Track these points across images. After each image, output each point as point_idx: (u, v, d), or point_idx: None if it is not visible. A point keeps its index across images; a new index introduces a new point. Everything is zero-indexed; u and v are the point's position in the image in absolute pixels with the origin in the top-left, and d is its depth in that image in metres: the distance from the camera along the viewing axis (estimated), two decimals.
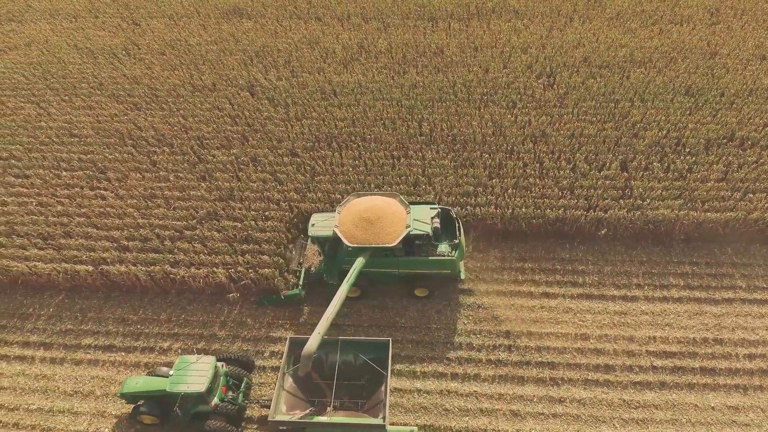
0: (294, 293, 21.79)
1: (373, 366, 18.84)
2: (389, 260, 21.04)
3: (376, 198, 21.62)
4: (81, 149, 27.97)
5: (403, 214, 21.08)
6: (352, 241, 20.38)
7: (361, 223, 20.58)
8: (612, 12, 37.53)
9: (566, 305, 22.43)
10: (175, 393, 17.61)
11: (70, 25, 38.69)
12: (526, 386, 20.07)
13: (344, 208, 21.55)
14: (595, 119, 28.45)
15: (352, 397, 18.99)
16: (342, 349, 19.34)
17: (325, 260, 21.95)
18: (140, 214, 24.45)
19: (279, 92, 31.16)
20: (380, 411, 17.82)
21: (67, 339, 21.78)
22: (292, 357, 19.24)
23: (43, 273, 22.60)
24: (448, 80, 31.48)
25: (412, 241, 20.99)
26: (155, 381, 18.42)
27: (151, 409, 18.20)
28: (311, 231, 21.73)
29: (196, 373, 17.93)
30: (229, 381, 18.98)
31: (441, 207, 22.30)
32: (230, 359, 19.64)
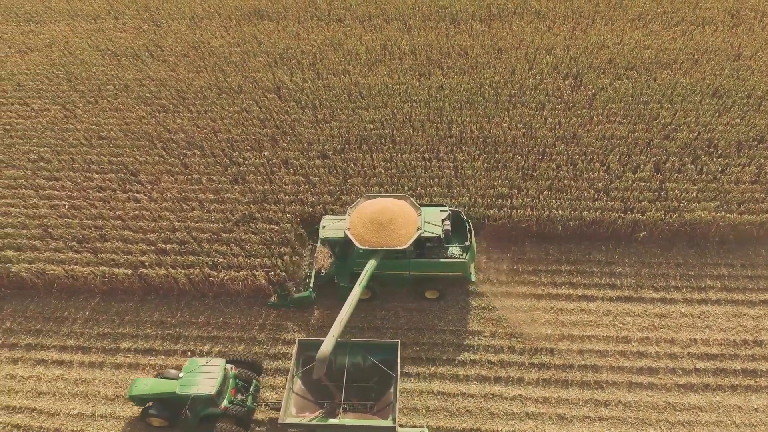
0: (305, 295, 21.76)
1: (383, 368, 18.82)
2: (400, 262, 20.98)
3: (386, 200, 21.55)
4: (111, 151, 27.83)
5: (414, 216, 21.02)
6: (363, 244, 20.31)
7: (372, 225, 20.51)
8: (634, 13, 37.54)
9: (605, 308, 22.36)
10: (185, 395, 17.58)
11: (89, 27, 38.53)
12: (571, 389, 19.99)
13: (355, 210, 21.45)
14: (626, 121, 28.43)
15: (361, 399, 18.95)
16: (351, 350, 19.28)
17: (336, 262, 21.90)
18: (176, 217, 24.31)
19: (306, 94, 31.06)
20: (390, 412, 17.84)
21: (105, 342, 21.63)
22: (301, 359, 19.20)
23: (79, 276, 22.45)
24: (474, 82, 31.43)
25: (423, 243, 20.95)
26: (165, 383, 18.40)
27: (160, 411, 18.16)
28: (322, 233, 21.63)
29: (205, 376, 17.91)
30: (238, 383, 18.94)
31: (452, 209, 22.24)
32: (239, 361, 19.60)
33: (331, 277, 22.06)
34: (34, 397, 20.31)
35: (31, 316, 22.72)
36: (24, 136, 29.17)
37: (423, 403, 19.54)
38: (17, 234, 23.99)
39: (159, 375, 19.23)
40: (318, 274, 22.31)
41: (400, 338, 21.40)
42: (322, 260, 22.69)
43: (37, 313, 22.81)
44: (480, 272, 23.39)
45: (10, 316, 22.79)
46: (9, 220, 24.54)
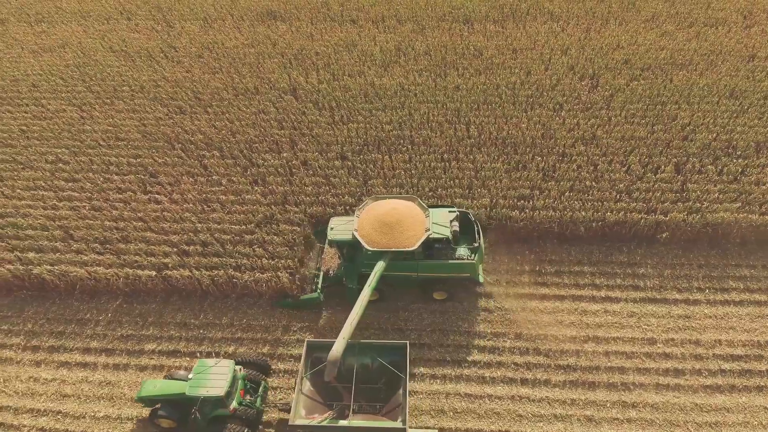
0: (313, 297, 21.73)
1: (392, 369, 18.78)
2: (408, 264, 20.93)
3: (394, 201, 21.50)
4: (129, 153, 27.76)
5: (422, 217, 20.96)
6: (372, 245, 20.26)
7: (381, 226, 20.46)
8: (647, 14, 37.54)
9: (629, 309, 22.32)
10: (195, 397, 17.54)
11: (102, 27, 38.45)
12: (598, 391, 19.94)
13: (363, 211, 21.40)
14: (644, 122, 28.42)
15: (370, 400, 18.91)
16: (359, 352, 19.23)
17: (344, 264, 21.86)
18: (197, 219, 24.24)
19: (322, 95, 31.02)
20: (399, 414, 17.79)
21: (129, 344, 21.55)
22: (309, 360, 19.18)
23: (102, 278, 22.37)
24: (491, 82, 31.40)
25: (432, 244, 20.91)
26: (174, 384, 18.35)
27: (169, 412, 18.11)
28: (330, 235, 21.54)
29: (215, 377, 17.87)
30: (247, 385, 18.91)
31: (460, 210, 22.22)
32: (247, 363, 19.57)
33: (338, 278, 22.09)
34: (58, 399, 20.22)
35: (53, 318, 22.64)
36: (41, 137, 29.10)
37: (450, 405, 19.48)
38: (38, 236, 23.91)
39: (168, 376, 19.19)
40: (326, 276, 22.35)
41: (425, 340, 21.42)
42: (330, 261, 22.74)
43: (58, 315, 22.72)
44: (503, 274, 23.34)
45: (31, 318, 22.70)
46: (29, 221, 24.47)
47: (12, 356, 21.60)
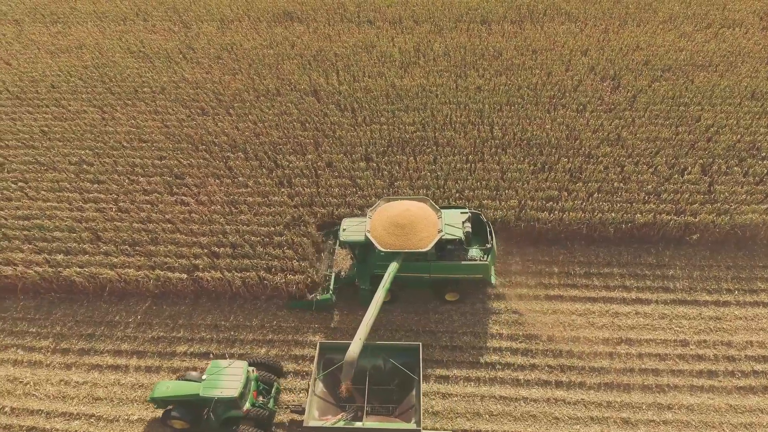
0: (326, 298, 21.71)
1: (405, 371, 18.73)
2: (421, 265, 20.89)
3: (407, 202, 21.48)
4: (153, 154, 27.66)
5: (435, 218, 20.94)
6: (384, 246, 20.21)
7: (393, 227, 20.42)
8: (664, 15, 37.59)
9: (660, 311, 22.28)
10: (209, 398, 17.50)
11: (118, 28, 38.37)
12: (633, 393, 19.88)
13: (375, 213, 21.37)
14: (668, 123, 28.40)
15: (383, 402, 18.87)
16: (372, 354, 19.16)
17: (357, 265, 21.80)
18: (225, 221, 24.15)
19: (344, 97, 30.95)
20: (412, 416, 17.77)
21: (160, 347, 21.45)
22: (322, 362, 19.14)
23: (131, 280, 22.28)
24: (512, 83, 31.37)
25: (444, 245, 20.87)
26: (187, 386, 18.28)
27: (182, 413, 18.07)
28: (343, 236, 21.48)
29: (228, 378, 17.84)
30: (260, 386, 18.89)
31: (471, 211, 22.21)
32: (260, 364, 19.54)
33: (350, 279, 22.10)
34: (90, 402, 20.10)
35: (82, 320, 22.53)
36: (63, 139, 28.99)
37: (485, 408, 19.41)
38: (65, 237, 23.79)
39: (180, 377, 19.12)
40: (338, 277, 22.35)
41: (457, 342, 21.36)
42: (342, 263, 22.72)
43: (87, 317, 22.61)
44: (532, 276, 23.29)
45: (60, 321, 22.59)
46: (56, 223, 24.36)
47: (42, 359, 21.48)
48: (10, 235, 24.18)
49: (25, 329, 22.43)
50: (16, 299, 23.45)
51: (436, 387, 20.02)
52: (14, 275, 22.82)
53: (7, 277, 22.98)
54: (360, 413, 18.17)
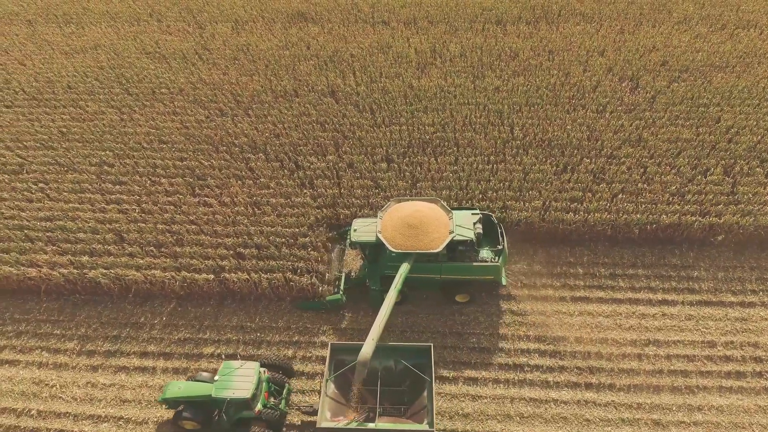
0: (336, 298, 21.70)
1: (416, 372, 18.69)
2: (432, 266, 20.89)
3: (418, 203, 21.45)
4: (174, 155, 27.58)
5: (446, 219, 20.92)
6: (395, 247, 20.19)
7: (404, 228, 20.38)
8: (679, 16, 37.59)
9: (687, 312, 22.25)
10: (221, 399, 17.50)
11: (132, 29, 38.29)
12: (663, 395, 19.85)
13: (386, 213, 21.33)
14: (689, 123, 28.39)
15: (393, 403, 18.84)
16: (383, 355, 19.11)
17: (367, 265, 21.78)
18: (250, 222, 24.08)
19: (362, 98, 30.91)
20: (423, 417, 17.72)
21: (187, 348, 21.38)
22: (334, 363, 19.11)
23: (157, 281, 22.21)
24: (530, 84, 31.34)
25: (455, 246, 20.86)
26: (199, 386, 18.27)
27: (193, 414, 18.06)
28: (354, 236, 21.41)
29: (240, 379, 17.84)
30: (271, 387, 18.89)
31: (483, 212, 22.21)
32: (271, 365, 19.52)
33: (360, 279, 22.11)
34: (118, 405, 20.03)
35: (107, 322, 22.46)
36: (82, 140, 28.90)
37: (516, 410, 19.37)
38: (90, 239, 23.72)
39: (191, 378, 19.10)
40: (348, 277, 22.33)
41: (484, 344, 21.31)
42: (351, 263, 22.63)
43: (112, 319, 22.55)
44: (557, 277, 23.27)
45: (84, 323, 22.52)
46: (79, 225, 24.28)
47: (67, 361, 21.40)
48: (32, 236, 24.10)
49: (49, 331, 22.36)
50: (39, 301, 23.39)
51: (465, 389, 19.98)
52: (38, 277, 22.75)
53: (31, 278, 22.90)
54: (372, 414, 18.16)
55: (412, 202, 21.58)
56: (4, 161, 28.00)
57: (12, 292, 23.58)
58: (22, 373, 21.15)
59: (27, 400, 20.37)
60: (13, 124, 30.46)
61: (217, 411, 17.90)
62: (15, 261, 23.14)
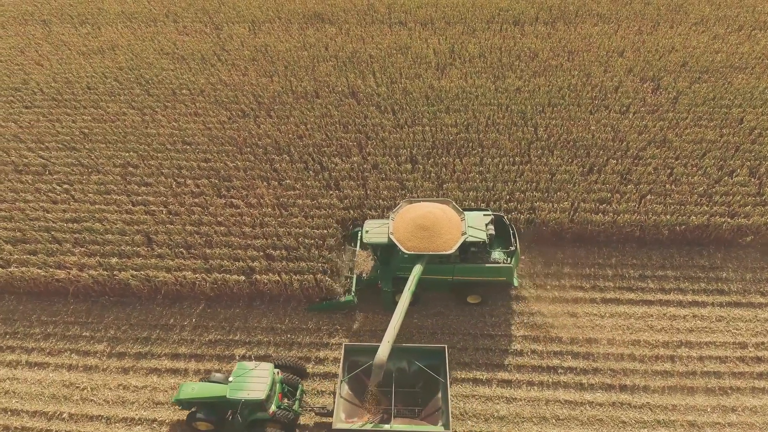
0: (348, 300, 21.72)
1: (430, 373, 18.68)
2: (444, 267, 20.88)
3: (429, 204, 21.43)
4: (198, 157, 27.51)
5: (458, 220, 20.88)
6: (408, 248, 20.15)
7: (416, 230, 20.34)
8: (696, 17, 37.60)
9: (717, 313, 22.23)
10: (235, 400, 17.51)
11: (149, 30, 38.21)
12: (697, 396, 19.83)
13: (398, 214, 21.31)
14: (712, 124, 28.37)
15: (407, 404, 18.82)
16: (397, 356, 19.06)
17: (379, 267, 21.75)
18: (277, 223, 24.02)
19: (383, 98, 30.86)
20: (438, 418, 17.71)
21: (218, 350, 21.31)
22: (347, 364, 19.12)
23: (187, 283, 22.14)
24: (552, 84, 31.32)
25: (468, 248, 20.84)
26: (214, 387, 18.25)
27: (207, 415, 18.06)
28: (366, 238, 21.33)
29: (255, 380, 17.84)
30: (285, 388, 18.89)
31: (495, 213, 22.20)
32: (285, 366, 19.55)
33: (371, 281, 22.11)
34: (151, 407, 19.94)
35: (136, 324, 22.39)
36: (105, 141, 28.82)
37: (552, 412, 19.33)
38: (118, 240, 23.64)
39: (204, 379, 19.10)
40: (359, 279, 22.36)
41: (515, 346, 21.26)
42: (363, 264, 22.70)
43: (141, 321, 22.47)
44: (586, 279, 23.23)
45: (113, 325, 22.44)
46: (106, 226, 24.20)
47: (98, 363, 21.32)
48: (59, 238, 24.02)
49: (78, 333, 22.29)
50: (66, 303, 23.32)
51: (499, 391, 19.94)
52: (66, 278, 22.67)
53: (59, 280, 22.84)
54: (386, 416, 18.18)
55: (424, 203, 21.56)
56: (27, 162, 27.93)
57: (38, 294, 23.54)
58: (51, 376, 21.09)
59: (58, 403, 20.31)
60: (34, 125, 30.37)
61: (231, 412, 17.96)
62: (42, 263, 23.06)
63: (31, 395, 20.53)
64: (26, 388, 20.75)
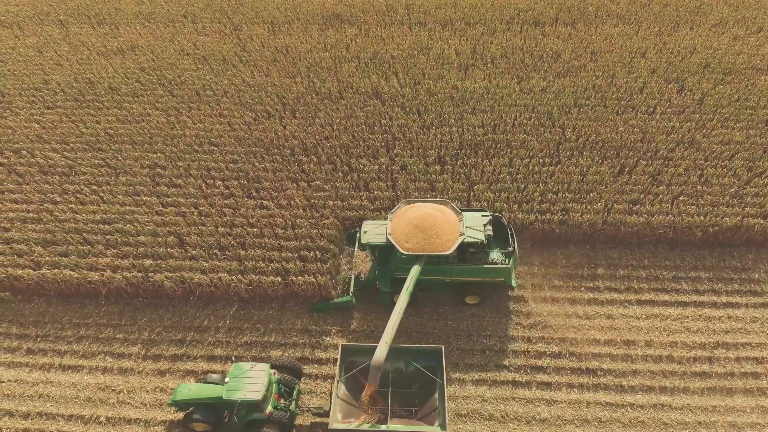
0: (346, 300, 21.76)
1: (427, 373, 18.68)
2: (442, 268, 20.89)
3: (428, 205, 21.49)
4: (226, 158, 27.40)
5: (456, 221, 20.91)
6: (406, 249, 20.16)
7: (414, 230, 20.36)
8: (715, 19, 37.62)
9: (751, 314, 22.23)
10: (232, 400, 17.51)
11: (168, 30, 38.08)
12: (736, 397, 19.83)
13: (396, 215, 21.34)
14: (738, 125, 28.39)
15: (404, 404, 18.86)
16: (394, 356, 19.06)
17: (378, 267, 21.74)
18: (310, 224, 23.94)
19: (407, 99, 30.80)
20: (435, 418, 17.76)
21: (254, 351, 21.22)
22: (345, 364, 19.14)
23: (222, 284, 22.05)
24: (577, 85, 31.30)
25: (466, 248, 20.86)
26: (210, 388, 18.27)
27: (204, 416, 18.06)
28: (364, 238, 21.34)
29: (251, 381, 17.87)
30: (281, 388, 18.89)
31: (492, 214, 22.22)
32: (281, 366, 19.54)
33: (369, 281, 22.17)
34: None
35: (170, 326, 22.29)
36: (131, 142, 28.70)
37: (593, 415, 19.30)
38: (151, 242, 23.53)
39: (200, 380, 19.08)
40: (357, 279, 22.42)
41: (553, 349, 21.20)
42: (361, 265, 22.71)
43: (175, 323, 22.38)
44: (620, 280, 23.20)
45: (147, 326, 22.34)
46: (138, 227, 24.08)
47: (133, 366, 21.22)
48: (90, 239, 23.91)
49: (111, 335, 22.19)
50: (98, 305, 23.22)
51: (539, 393, 19.90)
52: (99, 280, 22.56)
53: (91, 282, 22.72)
54: (383, 416, 18.21)
55: (422, 204, 21.61)
56: (52, 163, 27.80)
57: (69, 296, 23.44)
58: (86, 379, 20.99)
59: (94, 406, 20.20)
60: (57, 125, 30.23)
61: (227, 413, 17.95)
62: (75, 264, 22.94)
63: (66, 399, 20.42)
64: (61, 391, 20.63)
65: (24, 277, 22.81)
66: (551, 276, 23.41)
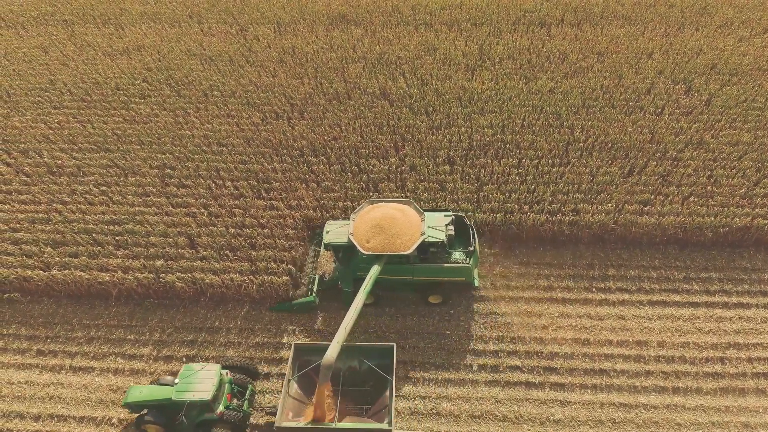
0: (309, 300, 21.80)
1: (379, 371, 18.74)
2: (404, 268, 20.95)
3: (390, 205, 21.53)
4: (235, 158, 27.38)
5: (418, 221, 20.95)
6: (367, 249, 20.19)
7: (376, 230, 20.41)
8: (720, 20, 37.73)
9: (762, 315, 22.24)
10: (181, 401, 17.51)
11: (174, 31, 38.04)
12: (748, 397, 19.83)
13: (358, 215, 21.39)
14: (746, 126, 28.45)
15: (357, 402, 18.91)
16: (348, 355, 19.11)
17: (340, 267, 21.78)
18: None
19: (415, 100, 30.80)
20: (385, 416, 17.79)
21: (266, 352, 21.16)
22: (297, 363, 19.17)
23: (233, 285, 22.01)
24: (585, 86, 31.34)
25: (427, 248, 20.89)
26: (160, 390, 18.25)
27: (156, 418, 18.02)
28: (326, 239, 21.39)
29: (201, 381, 17.85)
30: (234, 389, 18.88)
31: (455, 213, 22.28)
32: (235, 367, 19.55)
33: (333, 282, 22.20)
34: None
35: (181, 327, 22.22)
36: (139, 142, 28.65)
37: (607, 415, 19.27)
38: (161, 243, 23.47)
39: (154, 382, 19.04)
40: (321, 279, 22.49)
41: (566, 350, 21.13)
42: (325, 265, 22.77)
43: (186, 324, 22.31)
44: (632, 281, 23.22)
45: (158, 327, 22.26)
46: (148, 228, 24.02)
47: (144, 367, 21.13)
48: (100, 240, 23.84)
49: (122, 336, 22.10)
50: (108, 306, 23.14)
51: (552, 394, 19.88)
52: (110, 281, 22.49)
53: (101, 283, 22.65)
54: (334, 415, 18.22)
55: (385, 204, 21.65)
56: (60, 163, 27.70)
57: (78, 297, 23.36)
58: (98, 380, 20.89)
59: (106, 408, 20.10)
60: (64, 126, 30.17)
61: (179, 414, 17.85)
62: (85, 265, 22.87)
63: (78, 400, 20.32)
64: (72, 393, 20.54)
65: (33, 278, 22.74)
66: (562, 277, 23.42)
